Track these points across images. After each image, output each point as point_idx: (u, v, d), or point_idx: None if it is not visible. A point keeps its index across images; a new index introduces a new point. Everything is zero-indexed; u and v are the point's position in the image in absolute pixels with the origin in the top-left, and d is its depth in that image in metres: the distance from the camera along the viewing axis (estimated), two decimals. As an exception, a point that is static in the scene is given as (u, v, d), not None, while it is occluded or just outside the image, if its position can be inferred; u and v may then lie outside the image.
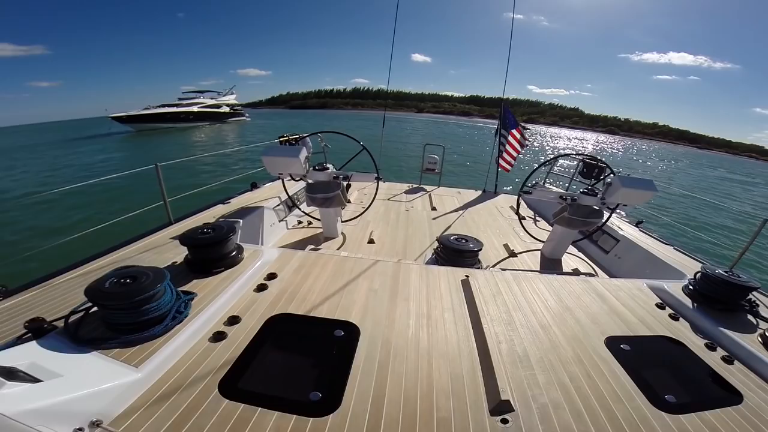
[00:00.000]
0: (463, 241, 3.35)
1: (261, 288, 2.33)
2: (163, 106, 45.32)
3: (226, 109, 56.15)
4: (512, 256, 4.47)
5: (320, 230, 4.77)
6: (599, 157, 5.88)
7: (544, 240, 4.75)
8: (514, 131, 7.61)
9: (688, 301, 2.51)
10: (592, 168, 5.96)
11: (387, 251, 4.34)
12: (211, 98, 54.68)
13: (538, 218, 6.18)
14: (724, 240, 11.85)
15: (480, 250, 3.29)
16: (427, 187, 7.63)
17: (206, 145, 30.97)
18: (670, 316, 2.39)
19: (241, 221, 3.81)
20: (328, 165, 4.31)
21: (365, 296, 2.34)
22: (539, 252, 4.70)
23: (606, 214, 4.27)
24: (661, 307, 2.50)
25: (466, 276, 2.67)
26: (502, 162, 7.76)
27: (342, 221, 4.99)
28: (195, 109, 47.88)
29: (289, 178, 4.55)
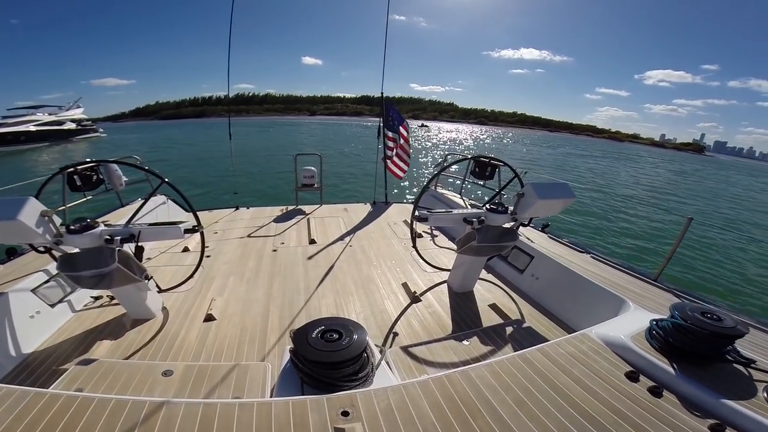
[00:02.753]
0: (334, 336, 1.73)
1: None
2: None
3: (72, 126, 45.40)
4: (415, 302, 3.36)
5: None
6: (490, 155, 5.24)
7: (449, 268, 3.78)
8: (402, 131, 6.64)
9: (662, 361, 1.75)
10: (484, 167, 5.33)
11: (231, 338, 2.75)
12: (50, 113, 43.46)
13: (435, 232, 5.28)
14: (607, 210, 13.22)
15: (365, 349, 1.75)
16: (306, 208, 6.11)
17: (46, 171, 23.69)
18: (650, 391, 1.62)
19: None
20: (97, 221, 2.50)
21: None
22: (446, 285, 3.71)
23: (518, 230, 3.44)
24: (633, 378, 1.70)
25: (344, 414, 1.40)
26: (392, 167, 6.74)
27: (162, 290, 3.22)
28: (31, 128, 37.38)
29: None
